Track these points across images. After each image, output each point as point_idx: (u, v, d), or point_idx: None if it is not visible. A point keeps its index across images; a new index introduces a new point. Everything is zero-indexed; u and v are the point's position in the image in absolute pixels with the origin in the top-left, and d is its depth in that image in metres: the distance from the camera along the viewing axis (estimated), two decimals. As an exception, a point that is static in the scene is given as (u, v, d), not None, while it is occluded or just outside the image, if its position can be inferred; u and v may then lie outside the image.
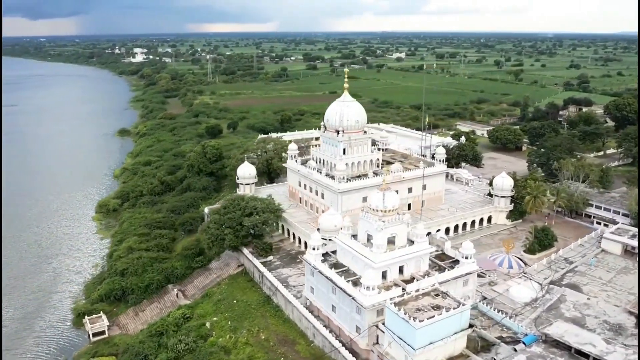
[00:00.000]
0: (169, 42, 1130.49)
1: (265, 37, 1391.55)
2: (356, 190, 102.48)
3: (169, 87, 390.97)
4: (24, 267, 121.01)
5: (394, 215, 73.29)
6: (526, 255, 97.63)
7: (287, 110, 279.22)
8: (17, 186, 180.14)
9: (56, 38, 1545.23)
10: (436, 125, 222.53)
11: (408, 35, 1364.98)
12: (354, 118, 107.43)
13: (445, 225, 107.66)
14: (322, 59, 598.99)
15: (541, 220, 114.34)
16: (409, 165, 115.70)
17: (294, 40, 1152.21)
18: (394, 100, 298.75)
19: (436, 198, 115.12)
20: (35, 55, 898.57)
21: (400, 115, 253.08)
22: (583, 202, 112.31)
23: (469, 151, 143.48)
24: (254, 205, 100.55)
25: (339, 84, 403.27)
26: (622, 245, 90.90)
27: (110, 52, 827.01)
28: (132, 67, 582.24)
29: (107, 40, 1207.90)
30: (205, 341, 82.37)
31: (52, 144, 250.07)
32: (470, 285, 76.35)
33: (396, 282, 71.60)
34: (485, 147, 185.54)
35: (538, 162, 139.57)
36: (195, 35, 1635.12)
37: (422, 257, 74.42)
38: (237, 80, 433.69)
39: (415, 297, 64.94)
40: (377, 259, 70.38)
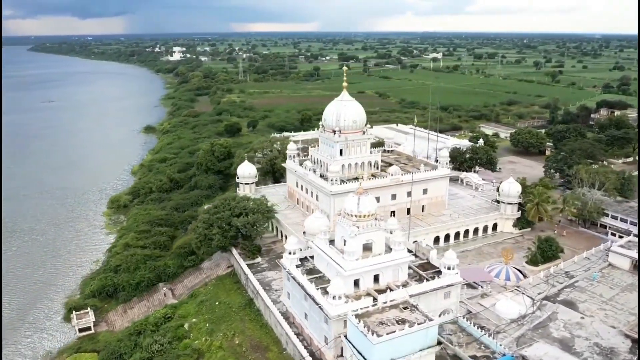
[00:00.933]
0: (210, 41, 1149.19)
1: (305, 37, 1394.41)
2: (350, 192, 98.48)
3: (200, 85, 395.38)
4: (30, 259, 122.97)
5: (370, 220, 69.45)
6: (528, 267, 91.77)
7: (311, 109, 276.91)
8: (37, 180, 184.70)
9: (102, 37, 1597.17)
10: (458, 126, 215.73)
11: (449, 36, 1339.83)
12: (352, 118, 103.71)
13: (445, 232, 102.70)
14: (356, 58, 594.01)
15: (551, 230, 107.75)
16: (411, 168, 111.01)
17: (333, 40, 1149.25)
18: (422, 101, 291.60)
19: (438, 203, 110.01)
20: (80, 54, 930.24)
21: (424, 116, 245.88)
22: (597, 211, 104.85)
23: (482, 154, 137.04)
24: (244, 206, 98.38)
25: (369, 83, 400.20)
26: (631, 260, 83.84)
27: (151, 51, 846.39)
28: (169, 66, 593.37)
29: (151, 39, 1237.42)
30: (181, 342, 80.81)
31: (80, 139, 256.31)
32: (453, 298, 71.56)
33: (369, 292, 67.76)
34: (506, 151, 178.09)
35: (555, 168, 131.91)
36: (237, 35, 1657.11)
37: (401, 266, 70.26)
38: (268, 79, 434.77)
39: (382, 309, 61.01)
40: (348, 266, 66.77)
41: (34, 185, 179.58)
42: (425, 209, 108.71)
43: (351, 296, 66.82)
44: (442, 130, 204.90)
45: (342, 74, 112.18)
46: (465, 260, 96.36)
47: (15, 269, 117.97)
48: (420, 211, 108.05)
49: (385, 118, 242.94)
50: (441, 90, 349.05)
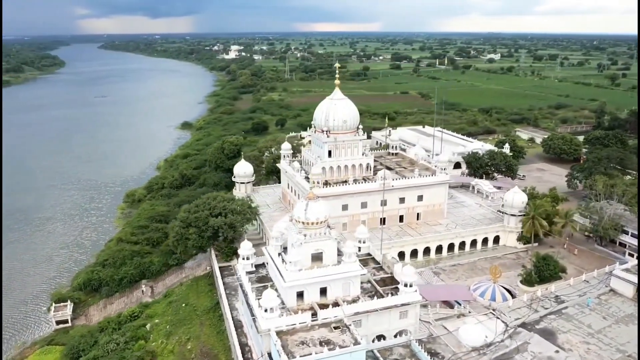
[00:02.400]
0: (270, 40, 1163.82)
1: (365, 37, 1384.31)
2: (334, 196, 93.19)
3: (246, 83, 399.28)
4: (36, 249, 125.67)
5: (321, 228, 63.96)
6: (522, 287, 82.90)
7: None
8: (67, 172, 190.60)
9: (169, 35, 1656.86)
10: (492, 130, 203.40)
11: (515, 37, 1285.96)
12: (341, 118, 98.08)
13: (437, 243, 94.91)
14: (409, 58, 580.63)
15: (561, 246, 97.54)
16: (408, 173, 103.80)
17: (392, 40, 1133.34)
18: (463, 103, 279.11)
19: (436, 211, 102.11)
20: (145, 51, 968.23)
21: (461, 118, 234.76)
22: (613, 227, 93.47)
23: (500, 160, 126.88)
24: (224, 206, 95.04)
25: (416, 84, 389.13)
26: (634, 286, 73.26)
27: (209, 49, 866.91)
28: (223, 64, 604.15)
29: (214, 38, 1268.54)
30: (136, 343, 78.59)
31: (118, 133, 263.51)
32: (411, 318, 64.67)
33: (312, 306, 62.28)
34: (538, 157, 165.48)
35: (580, 178, 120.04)
36: (299, 35, 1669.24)
37: (352, 279, 64.25)
38: (314, 78, 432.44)
39: (312, 326, 55.61)
40: (289, 277, 61.65)
41: (62, 176, 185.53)
42: (421, 217, 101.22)
43: (292, 309, 61.72)
44: (473, 134, 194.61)
45: (389, 75, 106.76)
46: (454, 276, 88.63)
47: (21, 257, 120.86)
48: (414, 219, 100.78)
49: (418, 119, 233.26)
50: (488, 92, 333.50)
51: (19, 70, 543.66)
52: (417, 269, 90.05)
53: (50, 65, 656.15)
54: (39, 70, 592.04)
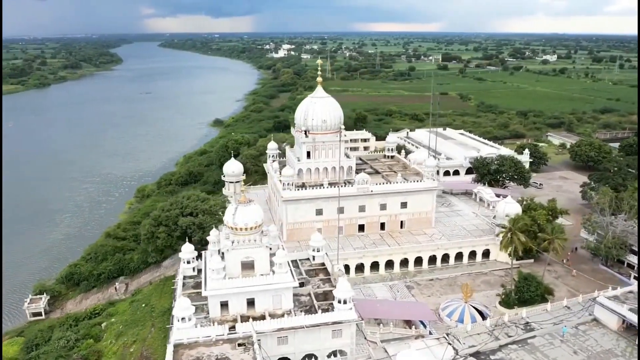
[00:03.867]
0: (324, 40, 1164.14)
1: (422, 37, 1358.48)
2: (306, 200, 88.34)
3: (286, 82, 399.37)
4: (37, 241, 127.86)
5: (251, 235, 59.51)
6: (500, 309, 74.93)
7: (378, 109, 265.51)
8: (91, 166, 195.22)
9: (228, 35, 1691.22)
10: (521, 134, 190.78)
11: (579, 37, 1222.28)
12: (321, 117, 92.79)
13: (416, 255, 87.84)
14: (457, 59, 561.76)
15: (560, 263, 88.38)
16: (397, 178, 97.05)
17: (449, 41, 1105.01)
18: (501, 105, 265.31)
19: (422, 219, 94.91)
20: (200, 50, 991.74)
21: (495, 121, 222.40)
22: (619, 246, 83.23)
23: (508, 167, 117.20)
24: (196, 206, 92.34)
25: (459, 84, 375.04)
26: (619, 318, 63.76)
27: (260, 48, 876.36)
28: (270, 62, 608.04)
29: (270, 37, 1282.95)
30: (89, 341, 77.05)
31: (150, 128, 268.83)
32: (346, 338, 58.95)
33: (235, 318, 57.91)
34: (564, 165, 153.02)
35: (595, 188, 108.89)
36: (356, 34, 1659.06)
37: (283, 291, 59.34)
38: (355, 78, 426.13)
39: (216, 341, 51.22)
40: (211, 285, 57.69)
41: (84, 170, 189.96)
42: (405, 225, 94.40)
43: (215, 320, 57.63)
44: (500, 138, 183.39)
45: (433, 75, 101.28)
46: (428, 291, 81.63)
47: (21, 247, 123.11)
48: (397, 227, 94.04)
49: (447, 122, 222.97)
50: (533, 94, 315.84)
51: (76, 66, 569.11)
52: (391, 281, 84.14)
53: (108, 62, 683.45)
54: (95, 67, 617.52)
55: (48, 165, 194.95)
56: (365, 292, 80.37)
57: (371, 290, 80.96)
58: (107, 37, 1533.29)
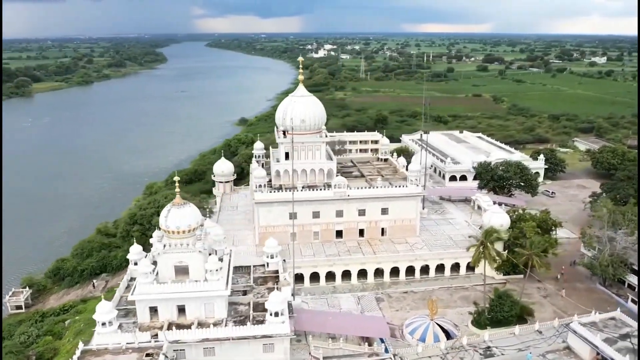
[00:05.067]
0: (369, 40, 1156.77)
1: (470, 38, 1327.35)
2: (279, 203, 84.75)
3: (318, 82, 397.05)
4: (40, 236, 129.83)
5: (184, 239, 56.70)
6: (472, 329, 69.08)
7: (403, 110, 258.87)
8: (110, 162, 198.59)
9: (275, 35, 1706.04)
10: (545, 139, 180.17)
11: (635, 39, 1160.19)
12: (299, 117, 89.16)
13: (392, 265, 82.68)
14: (500, 60, 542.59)
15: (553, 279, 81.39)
16: (382, 182, 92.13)
17: (496, 42, 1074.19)
18: (535, 107, 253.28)
19: (405, 227, 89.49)
20: (244, 49, 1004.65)
21: (523, 124, 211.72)
22: (617, 264, 75.38)
23: (513, 173, 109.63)
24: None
25: (495, 86, 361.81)
26: (591, 349, 56.94)
27: (302, 48, 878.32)
28: (308, 62, 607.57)
29: (316, 37, 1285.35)
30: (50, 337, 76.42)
31: (177, 125, 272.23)
32: (279, 353, 55.09)
33: (162, 325, 55.17)
34: (586, 173, 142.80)
35: (610, 197, 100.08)
36: (401, 35, 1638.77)
37: (215, 300, 56.14)
38: (390, 78, 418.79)
39: (125, 349, 48.55)
40: (138, 289, 55.21)
41: (101, 166, 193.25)
42: (387, 232, 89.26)
43: (143, 326, 55.19)
44: (522, 142, 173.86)
45: (471, 76, 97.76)
46: (398, 305, 76.51)
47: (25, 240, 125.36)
48: (378, 234, 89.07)
49: (471, 124, 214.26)
50: (571, 97, 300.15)
51: (121, 65, 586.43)
52: (360, 292, 79.51)
53: (152, 61, 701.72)
54: (140, 66, 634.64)
55: (67, 160, 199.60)
56: (331, 303, 76.16)
57: (338, 300, 76.65)
58: (158, 36, 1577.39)
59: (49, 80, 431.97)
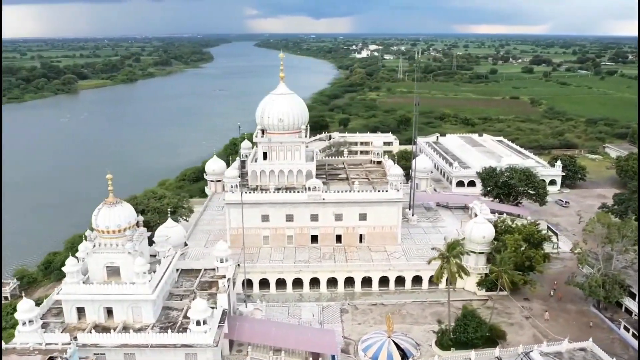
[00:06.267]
0: (418, 41, 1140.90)
1: (523, 39, 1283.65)
2: (251, 204, 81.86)
3: (355, 82, 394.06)
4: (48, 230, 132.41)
5: (114, 239, 54.77)
6: (436, 349, 63.89)
7: (434, 111, 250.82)
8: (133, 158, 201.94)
9: (324, 35, 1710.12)
10: (572, 144, 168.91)
11: None
12: (277, 116, 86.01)
13: (363, 274, 78.09)
14: (547, 62, 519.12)
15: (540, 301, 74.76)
16: (366, 186, 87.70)
17: (549, 43, 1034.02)
18: (573, 111, 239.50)
19: (385, 234, 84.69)
20: (291, 49, 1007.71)
21: (555, 128, 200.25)
22: (612, 285, 67.94)
23: (518, 180, 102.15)
24: (148, 203, 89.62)
25: (537, 88, 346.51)
26: (549, 378, 50.81)
27: (347, 48, 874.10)
28: (350, 62, 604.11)
29: (364, 38, 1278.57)
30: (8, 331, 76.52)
31: (206, 123, 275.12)
32: (203, 364, 52.09)
33: (85, 327, 53.35)
34: (610, 181, 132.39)
35: (616, 211, 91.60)
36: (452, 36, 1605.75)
37: (141, 303, 53.81)
38: (428, 79, 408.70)
39: (32, 350, 46.90)
40: (64, 289, 53.85)
41: (121, 162, 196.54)
42: (365, 239, 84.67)
43: (69, 327, 53.74)
44: (547, 147, 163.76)
45: (514, 78, 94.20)
46: (363, 318, 71.97)
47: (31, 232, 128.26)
48: (356, 241, 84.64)
49: (500, 128, 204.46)
50: (616, 100, 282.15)
51: (166, 63, 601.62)
52: (328, 301, 75.49)
53: (198, 60, 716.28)
54: (185, 64, 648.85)
55: (90, 154, 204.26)
56: (292, 311, 72.59)
57: (300, 310, 72.94)
58: (210, 36, 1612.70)
59: (95, 77, 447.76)
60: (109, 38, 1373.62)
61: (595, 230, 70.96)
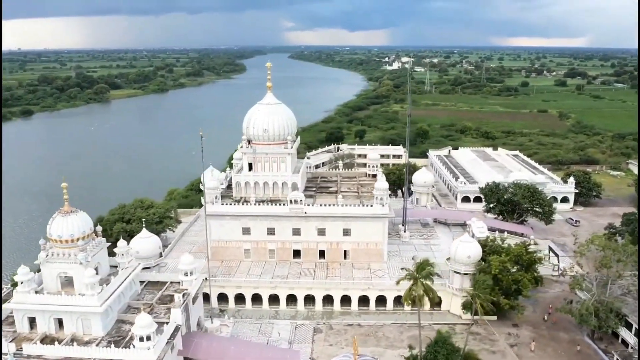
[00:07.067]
0: (453, 53, 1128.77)
1: (561, 52, 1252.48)
2: (232, 216, 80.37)
3: (380, 94, 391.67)
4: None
5: (67, 249, 53.95)
6: (405, 375, 60.34)
7: (455, 124, 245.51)
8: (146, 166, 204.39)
9: (359, 47, 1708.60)
10: (594, 160, 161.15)
11: None
12: (262, 126, 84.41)
13: (342, 293, 75.04)
14: (582, 75, 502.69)
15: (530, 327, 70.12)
16: (354, 200, 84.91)
17: (589, 56, 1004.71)
18: (601, 125, 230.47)
19: (371, 251, 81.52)
20: (323, 61, 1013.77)
21: (581, 142, 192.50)
22: (606, 313, 63.00)
23: (521, 197, 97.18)
24: (134, 213, 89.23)
25: (570, 102, 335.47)
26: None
27: (378, 60, 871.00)
28: (379, 74, 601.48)
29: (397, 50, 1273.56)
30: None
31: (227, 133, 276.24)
32: (149, 382, 50.22)
33: (34, 337, 52.33)
34: (629, 199, 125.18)
35: (623, 232, 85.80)
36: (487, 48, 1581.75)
37: (90, 316, 52.57)
38: (457, 92, 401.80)
39: (-36, 364, 46.03)
40: (14, 298, 53.34)
41: (138, 169, 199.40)
42: (350, 255, 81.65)
43: (20, 337, 53.05)
44: (565, 162, 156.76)
45: (545, 91, 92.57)
46: (335, 339, 69.32)
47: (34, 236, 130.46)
48: (340, 257, 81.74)
49: (521, 141, 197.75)
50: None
51: (198, 74, 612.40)
52: (303, 320, 72.77)
53: (230, 71, 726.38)
54: (217, 75, 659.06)
55: (108, 162, 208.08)
56: (264, 329, 70.25)
57: (272, 327, 70.41)
58: (246, 48, 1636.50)
59: (127, 87, 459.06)
60: (148, 49, 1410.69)
61: (588, 254, 66.04)
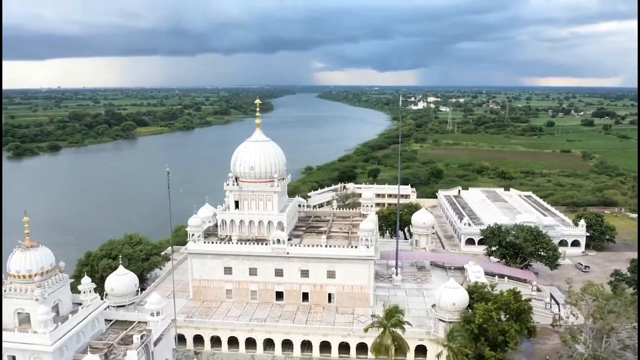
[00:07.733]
0: (481, 94, 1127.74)
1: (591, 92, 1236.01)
2: (213, 255, 78.74)
3: (403, 133, 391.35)
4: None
5: (25, 284, 52.91)
6: None
7: (473, 164, 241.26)
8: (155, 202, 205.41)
9: (387, 88, 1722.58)
10: (612, 202, 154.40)
11: None
12: (248, 164, 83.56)
13: (321, 338, 71.66)
14: (612, 114, 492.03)
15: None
16: (342, 241, 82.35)
17: (620, 96, 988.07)
18: (626, 166, 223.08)
19: (356, 295, 78.23)
20: (350, 101, 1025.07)
21: (602, 183, 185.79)
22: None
23: (523, 240, 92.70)
24: (121, 249, 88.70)
25: (596, 142, 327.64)
26: None
27: (404, 100, 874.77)
28: (404, 113, 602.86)
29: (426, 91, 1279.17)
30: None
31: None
32: None
33: (-18, 380, 50.83)
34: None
35: (630, 280, 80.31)
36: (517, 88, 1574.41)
37: (42, 355, 50.98)
38: (479, 132, 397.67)
39: None
40: (-32, 336, 51.89)
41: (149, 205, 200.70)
42: (334, 299, 78.45)
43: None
44: (581, 204, 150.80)
45: (570, 131, 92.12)
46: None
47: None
48: (325, 301, 78.63)
49: (538, 182, 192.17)
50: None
51: (225, 112, 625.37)
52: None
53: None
54: (244, 114, 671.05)
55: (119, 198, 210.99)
56: (238, 374, 67.20)
57: (244, 372, 67.42)
58: (277, 88, 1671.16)
59: (154, 124, 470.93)
60: (180, 88, 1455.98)
61: (579, 304, 61.45)
